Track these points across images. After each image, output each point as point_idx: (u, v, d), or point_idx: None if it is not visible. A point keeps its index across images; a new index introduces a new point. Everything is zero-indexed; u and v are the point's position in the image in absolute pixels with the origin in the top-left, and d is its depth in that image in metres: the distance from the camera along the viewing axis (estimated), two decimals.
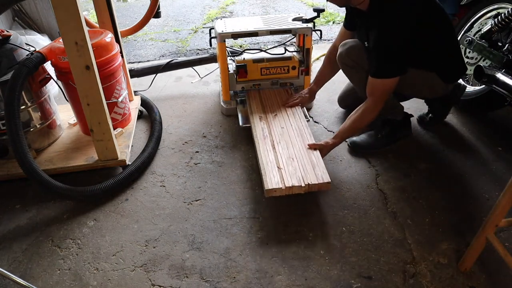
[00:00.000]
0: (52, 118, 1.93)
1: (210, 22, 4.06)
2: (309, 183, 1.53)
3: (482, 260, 1.33)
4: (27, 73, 1.60)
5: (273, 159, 1.67)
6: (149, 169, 1.89)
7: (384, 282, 1.32)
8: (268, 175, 1.57)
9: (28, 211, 1.69)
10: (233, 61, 2.20)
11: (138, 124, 2.23)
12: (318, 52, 3.04)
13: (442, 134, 2.03)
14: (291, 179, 1.55)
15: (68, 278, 1.39)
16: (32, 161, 1.58)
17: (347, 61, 1.80)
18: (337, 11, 4.09)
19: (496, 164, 1.81)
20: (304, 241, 1.48)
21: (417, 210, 1.59)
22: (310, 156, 1.67)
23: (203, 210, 1.65)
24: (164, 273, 1.39)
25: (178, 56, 3.30)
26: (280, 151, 1.71)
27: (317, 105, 2.35)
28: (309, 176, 1.56)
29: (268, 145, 1.76)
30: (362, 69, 1.74)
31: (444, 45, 1.69)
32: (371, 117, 1.70)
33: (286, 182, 1.53)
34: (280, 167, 1.61)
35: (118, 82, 1.94)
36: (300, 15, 2.21)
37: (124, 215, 1.64)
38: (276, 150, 1.73)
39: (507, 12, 1.79)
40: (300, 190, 1.53)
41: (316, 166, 1.62)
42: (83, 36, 1.45)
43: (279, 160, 1.66)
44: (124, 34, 2.54)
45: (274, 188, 1.52)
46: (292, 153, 1.70)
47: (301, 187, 1.53)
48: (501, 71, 1.74)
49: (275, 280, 1.34)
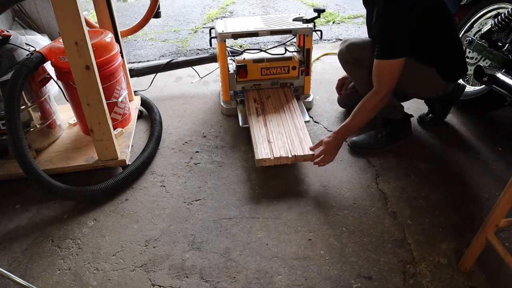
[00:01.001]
0: (52, 118, 1.93)
1: (210, 22, 4.06)
2: (296, 154, 1.71)
3: (482, 260, 1.33)
4: (27, 73, 1.60)
5: (264, 134, 1.85)
6: (149, 169, 1.89)
7: (384, 282, 1.32)
8: (259, 147, 1.76)
9: (28, 211, 1.69)
10: (233, 61, 2.20)
11: (138, 124, 2.23)
12: (318, 52, 3.04)
13: (442, 134, 2.03)
14: (279, 151, 1.73)
15: (68, 278, 1.39)
16: (32, 161, 1.58)
17: (347, 58, 1.80)
18: (337, 11, 4.09)
19: (496, 164, 1.81)
20: (304, 241, 1.48)
21: (417, 210, 1.59)
22: (298, 132, 1.85)
23: (203, 210, 1.65)
24: (164, 273, 1.39)
25: (178, 56, 3.30)
26: (271, 128, 1.89)
27: (317, 105, 2.35)
28: (296, 149, 1.74)
29: (261, 122, 1.95)
30: (363, 66, 1.74)
31: (444, 45, 1.69)
32: (375, 103, 1.61)
33: (274, 153, 1.71)
34: (270, 141, 1.80)
35: (118, 82, 1.94)
36: (300, 15, 2.21)
37: (124, 215, 1.64)
38: (267, 127, 1.91)
39: (507, 12, 1.79)
40: (287, 161, 1.72)
41: (303, 140, 1.79)
42: (83, 36, 1.45)
43: (269, 135, 1.84)
44: (124, 34, 2.54)
45: (263, 158, 1.70)
46: (282, 130, 1.88)
47: (288, 158, 1.70)
48: (501, 71, 1.74)
49: (275, 280, 1.34)
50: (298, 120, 1.96)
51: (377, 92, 1.61)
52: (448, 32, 1.69)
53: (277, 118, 1.99)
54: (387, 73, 1.58)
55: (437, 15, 1.63)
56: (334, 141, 1.70)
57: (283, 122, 1.94)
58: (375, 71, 1.61)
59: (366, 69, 1.71)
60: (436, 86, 1.78)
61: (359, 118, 1.67)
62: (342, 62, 1.84)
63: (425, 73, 1.73)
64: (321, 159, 1.70)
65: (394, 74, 1.58)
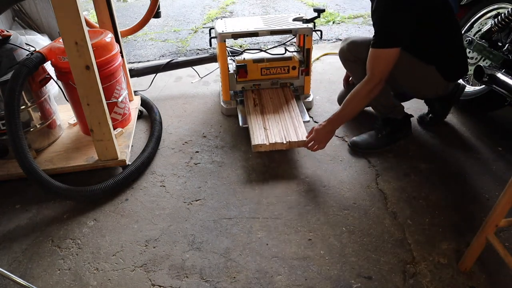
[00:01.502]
0: (52, 118, 1.93)
1: (210, 22, 4.06)
2: (290, 140, 1.80)
3: (482, 260, 1.33)
4: (27, 73, 1.60)
5: (261, 122, 1.96)
6: (149, 169, 1.89)
7: (384, 282, 1.32)
8: (255, 133, 1.86)
9: (28, 211, 1.69)
10: (233, 61, 2.20)
11: (138, 124, 2.23)
12: (318, 52, 3.04)
13: (442, 134, 2.03)
14: (274, 137, 1.83)
15: (68, 278, 1.39)
16: (32, 161, 1.58)
17: (348, 56, 1.80)
18: (337, 11, 4.09)
19: (496, 164, 1.81)
20: (304, 241, 1.48)
21: (417, 210, 1.59)
22: (293, 121, 1.94)
23: (203, 210, 1.65)
24: (164, 273, 1.39)
25: (178, 56, 3.30)
26: (268, 117, 2.00)
27: (317, 105, 2.35)
28: (290, 135, 1.83)
29: (258, 111, 2.05)
30: (363, 64, 1.75)
31: (444, 45, 1.69)
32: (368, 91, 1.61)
33: (270, 140, 1.81)
34: (266, 128, 1.90)
35: (118, 82, 1.94)
36: (300, 15, 2.21)
37: (124, 215, 1.64)
38: (264, 115, 2.01)
39: (507, 12, 1.79)
40: (282, 147, 1.81)
41: (297, 128, 1.89)
42: (83, 36, 1.45)
43: (265, 123, 1.94)
44: (124, 34, 2.54)
45: (259, 144, 1.79)
46: (278, 118, 1.98)
47: (283, 144, 1.80)
48: (501, 71, 1.74)
49: (275, 280, 1.34)
50: (294, 110, 2.02)
51: (370, 80, 1.61)
52: (449, 32, 1.69)
53: (274, 109, 2.07)
54: (381, 62, 1.58)
55: (437, 15, 1.63)
56: (324, 129, 1.73)
57: (279, 112, 2.03)
58: (370, 59, 1.61)
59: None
60: (436, 85, 1.78)
61: (351, 107, 1.68)
62: (343, 60, 1.85)
63: (425, 71, 1.72)
64: (312, 145, 1.76)
65: (389, 63, 1.58)
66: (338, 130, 2.08)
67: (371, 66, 1.61)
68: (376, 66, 1.59)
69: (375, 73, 1.60)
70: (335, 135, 2.04)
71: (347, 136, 2.04)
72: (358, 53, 1.75)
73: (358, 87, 1.64)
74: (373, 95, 1.63)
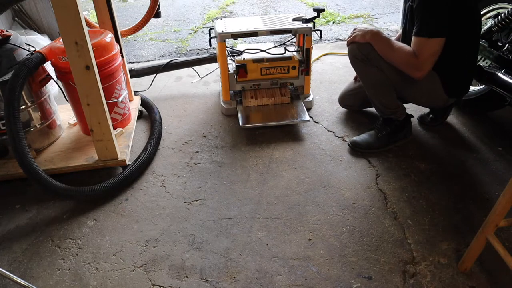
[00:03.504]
0: (52, 118, 1.93)
1: (210, 22, 4.06)
2: (274, 97, 2.18)
3: (482, 260, 1.34)
4: (27, 73, 1.60)
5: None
6: (149, 169, 1.89)
7: (384, 282, 1.32)
8: (247, 98, 2.19)
9: (28, 211, 1.69)
10: (233, 61, 2.20)
11: (138, 124, 2.23)
12: (318, 52, 3.04)
13: (442, 134, 2.03)
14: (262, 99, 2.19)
15: (68, 278, 1.39)
16: (32, 161, 1.58)
17: (357, 55, 1.79)
18: (337, 11, 4.09)
19: (496, 164, 1.81)
20: (304, 241, 1.48)
21: (417, 210, 1.59)
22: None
23: (203, 210, 1.65)
24: (164, 273, 1.39)
25: (178, 56, 3.30)
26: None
27: (317, 105, 2.35)
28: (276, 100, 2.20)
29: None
30: (372, 65, 1.75)
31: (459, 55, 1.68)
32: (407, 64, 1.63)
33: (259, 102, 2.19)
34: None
35: (118, 82, 1.94)
36: (300, 15, 2.21)
37: (124, 215, 1.64)
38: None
39: (507, 12, 1.79)
40: (268, 102, 2.19)
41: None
42: (83, 36, 1.45)
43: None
44: (124, 34, 2.54)
45: (249, 99, 2.14)
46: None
47: (269, 99, 2.18)
48: (501, 71, 1.74)
49: (275, 280, 1.34)
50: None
51: (417, 66, 1.61)
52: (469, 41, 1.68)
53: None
54: (425, 50, 1.58)
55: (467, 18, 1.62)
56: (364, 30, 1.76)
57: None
58: (414, 46, 1.60)
59: (375, 68, 1.74)
60: (437, 98, 1.78)
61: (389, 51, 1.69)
62: (352, 58, 1.84)
63: (428, 84, 1.73)
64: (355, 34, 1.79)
65: (433, 53, 1.58)
66: (338, 130, 2.10)
67: (417, 52, 1.60)
68: (421, 54, 1.59)
69: (421, 59, 1.60)
70: (335, 135, 2.05)
71: (347, 136, 2.04)
72: (369, 54, 1.75)
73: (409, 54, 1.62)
74: (408, 72, 1.64)
